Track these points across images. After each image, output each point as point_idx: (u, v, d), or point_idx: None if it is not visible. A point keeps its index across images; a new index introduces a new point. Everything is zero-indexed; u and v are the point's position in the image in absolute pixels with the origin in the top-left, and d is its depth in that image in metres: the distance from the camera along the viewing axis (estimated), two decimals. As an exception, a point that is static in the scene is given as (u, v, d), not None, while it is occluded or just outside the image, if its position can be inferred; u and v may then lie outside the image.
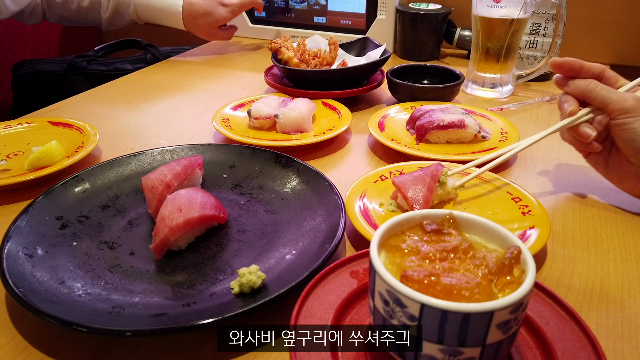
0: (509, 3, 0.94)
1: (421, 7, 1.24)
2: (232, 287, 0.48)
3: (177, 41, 1.78)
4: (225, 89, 1.09)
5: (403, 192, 0.58)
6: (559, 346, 0.39)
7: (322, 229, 0.55)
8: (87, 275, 0.50)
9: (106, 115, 0.95)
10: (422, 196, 0.58)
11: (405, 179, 0.60)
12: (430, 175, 0.60)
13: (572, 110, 0.59)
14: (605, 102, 0.57)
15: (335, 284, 0.45)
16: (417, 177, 0.60)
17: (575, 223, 0.61)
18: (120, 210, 0.62)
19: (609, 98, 0.57)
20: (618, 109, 0.56)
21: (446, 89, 0.92)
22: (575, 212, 0.64)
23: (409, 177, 0.60)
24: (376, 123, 0.83)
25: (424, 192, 0.58)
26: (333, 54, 1.01)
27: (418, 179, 0.59)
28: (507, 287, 0.34)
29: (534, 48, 1.09)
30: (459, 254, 0.37)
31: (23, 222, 0.55)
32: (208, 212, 0.55)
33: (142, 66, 1.29)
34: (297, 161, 0.67)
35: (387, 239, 0.39)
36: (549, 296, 0.43)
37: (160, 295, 0.48)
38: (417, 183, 0.59)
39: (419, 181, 0.59)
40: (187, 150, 0.71)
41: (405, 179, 0.60)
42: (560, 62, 0.59)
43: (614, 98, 0.56)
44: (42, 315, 0.42)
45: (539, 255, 0.55)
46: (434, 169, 0.61)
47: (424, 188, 0.58)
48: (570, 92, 0.60)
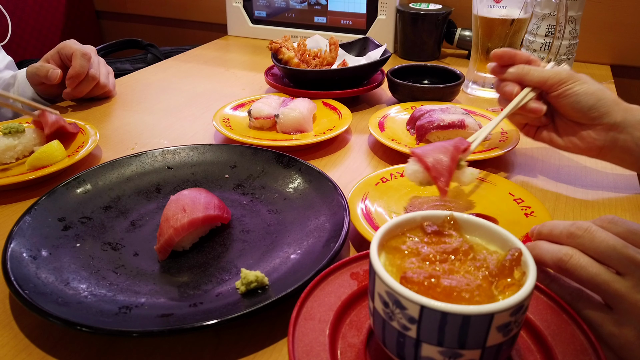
0: (509, 3, 0.94)
1: (422, 7, 1.24)
2: (237, 287, 0.48)
3: (178, 41, 1.78)
4: (225, 88, 1.09)
5: (424, 161, 0.57)
6: (559, 349, 0.39)
7: (326, 228, 0.56)
8: (92, 276, 0.51)
9: (107, 115, 0.95)
10: (446, 167, 0.57)
11: (426, 149, 0.59)
12: (454, 146, 0.59)
13: (517, 90, 0.65)
14: (542, 80, 0.64)
15: (335, 285, 0.45)
16: (438, 147, 0.59)
17: (575, 224, 0.61)
18: (122, 211, 0.62)
19: (545, 75, 0.64)
20: (555, 81, 0.63)
21: (446, 89, 0.92)
22: (575, 212, 0.64)
23: (430, 146, 0.59)
24: (376, 123, 0.83)
25: (447, 162, 0.57)
26: (333, 54, 1.01)
27: (440, 148, 0.58)
28: (508, 289, 0.34)
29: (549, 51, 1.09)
30: (459, 255, 0.37)
31: (26, 223, 0.55)
32: (212, 212, 0.55)
33: (143, 66, 1.29)
34: (299, 161, 0.67)
35: (387, 240, 0.39)
36: (550, 298, 0.43)
37: (166, 296, 0.49)
38: (438, 152, 0.58)
39: (440, 150, 0.58)
40: (188, 151, 0.71)
41: (426, 149, 0.59)
42: (501, 53, 0.67)
43: (549, 74, 0.63)
44: (49, 317, 0.42)
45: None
46: (457, 141, 0.60)
47: (447, 158, 0.57)
48: (508, 78, 0.67)
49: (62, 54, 0.93)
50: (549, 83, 0.63)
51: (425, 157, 0.58)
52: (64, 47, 0.94)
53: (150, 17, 1.78)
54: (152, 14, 1.77)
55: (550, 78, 0.63)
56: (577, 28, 1.05)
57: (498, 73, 0.68)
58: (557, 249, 0.43)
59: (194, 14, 1.70)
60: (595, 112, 0.62)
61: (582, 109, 0.62)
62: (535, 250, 0.45)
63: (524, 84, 0.66)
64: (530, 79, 0.64)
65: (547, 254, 0.44)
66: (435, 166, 0.57)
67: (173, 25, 1.78)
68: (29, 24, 1.62)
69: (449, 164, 0.57)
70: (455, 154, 0.58)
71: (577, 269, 0.41)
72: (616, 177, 0.72)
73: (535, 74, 0.64)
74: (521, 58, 0.67)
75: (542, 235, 0.46)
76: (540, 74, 0.64)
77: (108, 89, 0.99)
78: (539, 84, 0.64)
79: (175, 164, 0.70)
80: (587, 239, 0.42)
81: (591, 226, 0.42)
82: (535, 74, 0.64)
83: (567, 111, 0.64)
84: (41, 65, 0.93)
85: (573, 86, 0.62)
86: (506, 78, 0.66)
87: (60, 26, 1.72)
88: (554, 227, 0.45)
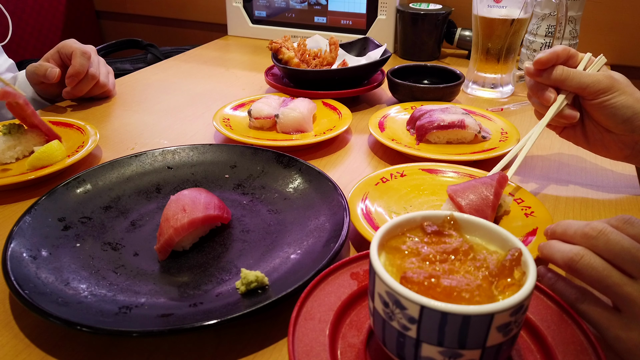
0: (509, 3, 0.94)
1: (422, 7, 1.24)
2: (237, 287, 0.48)
3: (178, 41, 1.78)
4: (225, 88, 1.09)
5: (464, 211, 0.54)
6: (560, 349, 0.39)
7: (326, 228, 0.56)
8: (92, 276, 0.51)
9: (107, 115, 0.95)
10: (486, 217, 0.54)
11: (467, 195, 0.55)
12: (495, 193, 0.56)
13: (554, 97, 0.63)
14: (581, 87, 0.61)
15: (335, 285, 0.45)
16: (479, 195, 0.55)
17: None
18: (122, 211, 0.62)
19: (584, 82, 0.60)
20: (594, 91, 0.60)
21: (446, 89, 0.92)
22: (575, 212, 0.64)
23: (470, 190, 0.56)
24: (376, 123, 0.83)
25: (487, 212, 0.54)
26: (333, 54, 1.01)
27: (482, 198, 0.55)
28: (508, 289, 0.34)
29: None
30: (459, 255, 0.37)
31: (26, 223, 0.55)
32: (212, 212, 0.55)
33: (143, 66, 1.29)
34: (299, 161, 0.67)
35: (387, 240, 0.39)
36: (550, 299, 0.43)
37: (166, 296, 0.49)
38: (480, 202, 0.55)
39: (482, 199, 0.55)
40: (188, 151, 0.71)
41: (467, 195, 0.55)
42: (546, 59, 0.62)
43: (588, 82, 0.60)
44: (49, 317, 0.42)
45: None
46: (497, 184, 0.56)
47: (488, 209, 0.55)
48: (545, 82, 0.63)
49: (62, 53, 0.93)
50: (588, 91, 0.60)
51: (465, 208, 0.55)
52: (63, 46, 0.94)
53: (150, 17, 1.78)
54: (152, 14, 1.77)
55: (590, 86, 0.60)
56: (577, 28, 1.05)
57: (535, 76, 0.64)
58: (568, 249, 0.43)
59: (194, 14, 1.70)
60: (629, 126, 0.60)
61: (617, 121, 0.60)
62: (547, 249, 0.45)
63: (562, 88, 0.63)
64: (569, 85, 0.61)
65: (557, 253, 0.43)
66: None
67: (173, 25, 1.78)
68: (29, 24, 1.62)
69: (490, 214, 0.55)
70: (495, 202, 0.56)
71: (587, 269, 0.41)
72: (616, 177, 0.72)
73: (574, 80, 0.61)
74: (561, 55, 0.63)
75: (556, 235, 0.46)
76: (580, 80, 0.61)
77: (108, 88, 0.99)
78: (577, 90, 0.62)
79: (175, 164, 0.70)
80: (602, 240, 0.41)
81: (606, 227, 0.42)
82: (575, 79, 0.61)
83: (600, 120, 0.62)
84: (40, 64, 0.93)
85: (612, 97, 0.60)
86: (543, 81, 0.63)
87: (60, 26, 1.72)
88: (568, 227, 0.45)
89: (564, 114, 0.63)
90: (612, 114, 0.60)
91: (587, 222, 0.43)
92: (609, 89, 0.60)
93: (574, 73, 0.61)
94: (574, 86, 0.61)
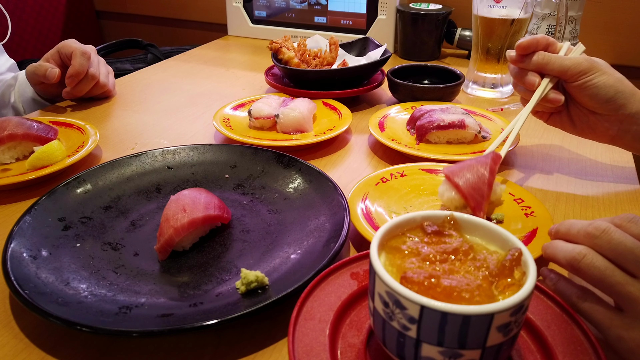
0: (509, 3, 0.94)
1: (422, 7, 1.24)
2: (237, 287, 0.48)
3: (178, 41, 1.78)
4: (225, 88, 1.09)
5: (462, 190, 0.56)
6: (560, 349, 0.39)
7: (326, 228, 0.56)
8: (92, 276, 0.51)
9: (107, 115, 0.95)
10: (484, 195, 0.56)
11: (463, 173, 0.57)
12: (490, 170, 0.57)
13: (538, 81, 0.65)
14: (562, 70, 0.63)
15: (335, 285, 0.45)
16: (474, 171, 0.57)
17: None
18: (122, 211, 0.62)
19: (565, 65, 0.63)
20: (576, 72, 0.62)
21: (446, 89, 0.92)
22: (575, 212, 0.64)
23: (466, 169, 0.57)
24: (376, 123, 0.83)
25: (485, 190, 0.56)
26: (333, 54, 1.01)
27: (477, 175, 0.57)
28: (508, 289, 0.34)
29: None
30: (459, 255, 0.37)
31: (26, 223, 0.55)
32: (212, 212, 0.55)
33: (143, 66, 1.29)
34: (299, 161, 0.67)
35: (387, 240, 0.39)
36: (550, 299, 0.43)
37: (166, 296, 0.49)
38: (476, 178, 0.56)
39: (477, 175, 0.57)
40: (188, 151, 0.71)
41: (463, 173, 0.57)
42: (527, 44, 0.65)
43: (569, 64, 0.63)
44: (49, 317, 0.42)
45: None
46: (492, 162, 0.58)
47: (485, 186, 0.56)
48: (529, 67, 0.66)
49: (62, 53, 0.93)
50: (569, 73, 0.63)
51: (463, 186, 0.56)
52: (63, 46, 0.94)
53: (150, 17, 1.78)
54: (152, 14, 1.77)
55: (570, 68, 0.62)
56: (577, 28, 1.05)
57: (518, 62, 0.66)
58: (571, 248, 0.43)
59: (194, 14, 1.70)
60: (612, 105, 0.62)
61: (600, 100, 0.62)
62: (550, 248, 0.45)
63: (544, 73, 0.65)
64: (551, 68, 0.64)
65: (560, 253, 0.43)
66: (474, 196, 0.56)
67: (173, 25, 1.78)
68: (29, 23, 1.62)
69: (487, 191, 0.56)
70: (491, 179, 0.57)
71: (590, 268, 0.41)
72: (617, 177, 0.72)
73: (556, 64, 0.63)
74: (541, 42, 0.65)
75: (560, 234, 0.46)
76: (561, 63, 0.63)
77: (108, 88, 0.99)
78: (559, 74, 0.64)
79: (175, 164, 0.70)
80: (605, 239, 0.41)
81: (609, 227, 0.42)
82: (556, 63, 0.63)
83: (584, 101, 0.64)
84: (40, 64, 0.93)
85: (593, 77, 0.62)
86: (527, 67, 0.66)
87: (60, 26, 1.72)
88: (572, 226, 0.45)
89: (549, 98, 0.65)
90: (595, 93, 0.62)
91: (591, 221, 0.43)
92: (589, 69, 0.62)
93: (555, 57, 0.64)
94: (556, 69, 0.63)
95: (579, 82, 0.63)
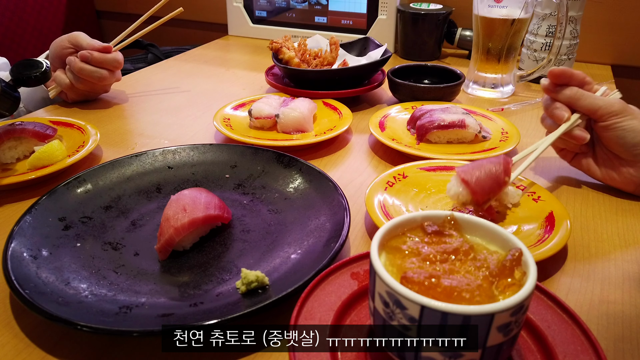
0: (510, 3, 0.94)
1: (422, 7, 1.24)
2: (237, 287, 0.48)
3: (178, 41, 1.78)
4: (226, 88, 1.09)
5: (473, 188, 0.56)
6: (560, 349, 0.39)
7: (326, 228, 0.56)
8: (93, 276, 0.51)
9: (107, 114, 0.95)
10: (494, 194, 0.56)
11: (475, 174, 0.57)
12: (504, 169, 0.57)
13: (567, 116, 0.64)
14: (593, 108, 0.63)
15: (335, 285, 0.45)
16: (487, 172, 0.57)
17: (576, 224, 0.61)
18: (123, 211, 0.62)
19: (597, 104, 0.62)
20: (606, 113, 0.62)
21: (447, 89, 0.92)
22: (576, 213, 0.64)
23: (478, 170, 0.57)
24: (377, 123, 0.83)
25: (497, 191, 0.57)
26: (334, 54, 1.01)
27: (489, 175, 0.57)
28: (508, 289, 0.34)
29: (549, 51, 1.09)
30: (459, 255, 0.37)
31: (26, 223, 0.55)
32: (212, 212, 0.55)
33: (143, 66, 1.29)
34: (300, 161, 0.67)
35: (387, 240, 0.39)
36: (550, 299, 0.43)
37: (167, 296, 0.49)
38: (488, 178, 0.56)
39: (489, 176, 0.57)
40: (188, 151, 0.71)
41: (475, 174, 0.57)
42: (559, 72, 0.64)
43: (600, 104, 0.62)
44: (49, 317, 0.42)
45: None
46: (505, 163, 0.57)
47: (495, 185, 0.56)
48: (560, 99, 0.65)
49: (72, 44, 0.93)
50: (599, 112, 0.62)
51: (474, 185, 0.56)
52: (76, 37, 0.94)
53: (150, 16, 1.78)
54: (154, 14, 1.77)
55: (601, 108, 0.62)
56: (578, 28, 1.05)
57: (550, 92, 0.66)
58: None
59: (194, 14, 1.70)
60: (638, 150, 0.62)
61: (626, 144, 0.62)
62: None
63: (574, 108, 0.64)
64: (582, 105, 0.63)
65: None
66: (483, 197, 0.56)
67: (173, 25, 1.77)
68: (29, 23, 1.62)
69: (498, 192, 0.57)
70: (502, 177, 0.56)
71: None
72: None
73: (587, 101, 0.63)
74: (577, 78, 0.65)
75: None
76: (593, 101, 0.63)
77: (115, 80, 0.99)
78: (589, 112, 0.63)
79: (175, 164, 0.70)
80: None
81: None
82: (587, 100, 0.63)
83: (610, 144, 0.64)
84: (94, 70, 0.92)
85: (622, 120, 0.61)
86: (558, 99, 0.65)
87: (60, 26, 1.72)
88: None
89: (574, 134, 0.64)
90: (622, 136, 0.61)
91: None
92: (621, 112, 0.61)
93: (588, 94, 0.63)
94: (587, 106, 0.63)
95: (607, 123, 0.62)
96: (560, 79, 0.64)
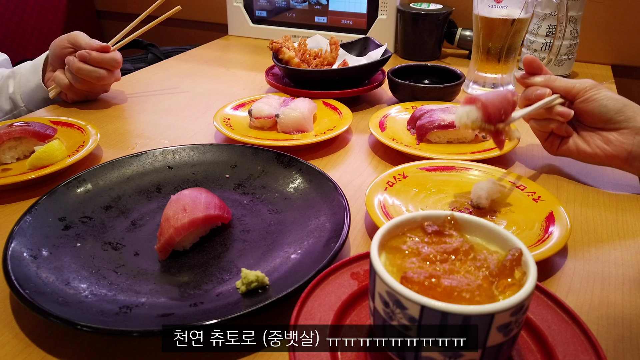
0: (510, 3, 0.94)
1: (422, 7, 1.24)
2: (238, 286, 0.48)
3: (178, 41, 1.78)
4: (226, 88, 1.09)
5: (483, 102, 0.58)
6: (560, 349, 0.39)
7: (326, 228, 0.56)
8: (93, 276, 0.51)
9: (107, 114, 0.95)
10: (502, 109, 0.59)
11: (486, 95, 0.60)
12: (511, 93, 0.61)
13: (547, 92, 0.67)
14: (568, 87, 0.67)
15: (335, 285, 0.45)
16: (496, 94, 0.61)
17: (576, 224, 0.61)
18: (123, 211, 0.62)
19: (571, 83, 0.67)
20: (582, 88, 0.66)
21: (447, 89, 0.92)
22: (575, 212, 0.64)
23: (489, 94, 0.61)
24: (377, 123, 0.83)
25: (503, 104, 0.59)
26: (334, 54, 1.01)
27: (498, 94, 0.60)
28: (508, 289, 0.34)
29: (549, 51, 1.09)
30: (459, 255, 0.37)
31: (26, 223, 0.55)
32: (212, 212, 0.55)
33: (143, 66, 1.29)
34: (300, 161, 0.67)
35: (387, 240, 0.39)
36: (551, 299, 0.43)
37: (167, 296, 0.49)
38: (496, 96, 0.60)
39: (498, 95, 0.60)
40: (188, 151, 0.71)
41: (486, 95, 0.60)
42: (531, 59, 0.69)
43: (574, 82, 0.67)
44: (49, 317, 0.42)
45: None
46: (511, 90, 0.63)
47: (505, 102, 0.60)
48: (536, 83, 0.69)
49: (71, 43, 0.93)
50: (574, 90, 0.66)
51: (485, 101, 0.58)
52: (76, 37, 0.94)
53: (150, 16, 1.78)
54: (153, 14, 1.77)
55: (575, 86, 0.66)
56: (578, 28, 1.05)
57: (526, 80, 0.70)
58: None
59: (194, 14, 1.70)
60: (622, 116, 0.64)
61: (609, 112, 0.64)
62: None
63: (551, 89, 0.67)
64: (557, 86, 0.67)
65: None
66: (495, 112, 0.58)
67: (173, 25, 1.77)
68: (29, 23, 1.62)
69: (508, 110, 0.60)
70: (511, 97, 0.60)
71: None
72: (616, 176, 0.72)
73: (561, 82, 0.67)
74: (546, 72, 0.70)
75: None
76: (567, 82, 0.67)
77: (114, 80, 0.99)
78: (565, 91, 0.67)
79: (175, 164, 0.70)
80: None
81: None
82: (562, 82, 0.67)
83: (593, 117, 0.66)
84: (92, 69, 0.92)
85: (598, 92, 0.65)
86: (534, 83, 0.69)
87: (60, 26, 1.72)
88: None
89: (559, 111, 0.67)
90: (603, 104, 0.65)
91: None
92: (594, 86, 0.66)
93: (560, 78, 0.68)
94: (562, 86, 0.67)
95: (586, 96, 0.66)
96: (532, 67, 0.69)
